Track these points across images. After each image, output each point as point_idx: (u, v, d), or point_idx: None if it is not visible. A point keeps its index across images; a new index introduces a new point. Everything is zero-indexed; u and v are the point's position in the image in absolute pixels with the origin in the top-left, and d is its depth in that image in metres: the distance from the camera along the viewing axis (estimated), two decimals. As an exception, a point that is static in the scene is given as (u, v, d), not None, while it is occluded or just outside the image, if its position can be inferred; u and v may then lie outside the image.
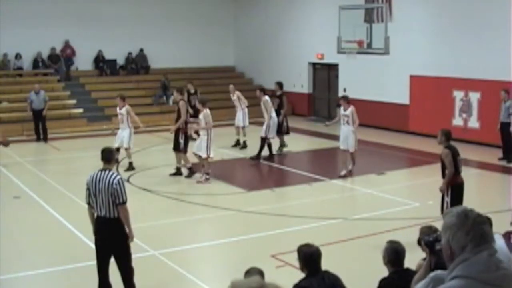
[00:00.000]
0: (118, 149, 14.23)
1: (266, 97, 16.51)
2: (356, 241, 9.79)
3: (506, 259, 3.11)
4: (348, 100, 14.05)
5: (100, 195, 7.00)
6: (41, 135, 19.69)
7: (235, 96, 18.45)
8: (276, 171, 15.69)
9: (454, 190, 9.36)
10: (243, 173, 15.54)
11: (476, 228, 2.88)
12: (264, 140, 16.21)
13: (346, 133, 14.00)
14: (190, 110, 19.55)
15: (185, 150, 14.28)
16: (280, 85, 17.52)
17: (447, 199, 9.35)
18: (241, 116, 18.20)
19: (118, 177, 7.10)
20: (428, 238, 4.43)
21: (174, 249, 9.51)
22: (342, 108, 14.13)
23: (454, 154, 9.39)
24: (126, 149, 14.97)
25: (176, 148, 14.30)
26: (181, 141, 14.22)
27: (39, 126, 19.72)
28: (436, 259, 4.39)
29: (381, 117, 20.09)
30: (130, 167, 14.93)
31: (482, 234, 2.88)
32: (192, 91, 20.26)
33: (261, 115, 17.42)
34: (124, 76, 25.53)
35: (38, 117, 19.71)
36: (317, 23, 23.64)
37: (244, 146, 17.91)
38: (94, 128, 21.66)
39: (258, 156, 16.12)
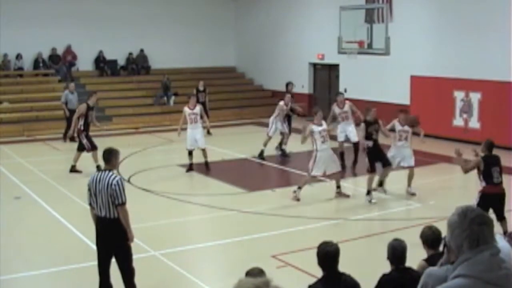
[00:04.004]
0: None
1: (349, 102, 15.40)
2: (357, 241, 9.77)
3: (508, 259, 3.10)
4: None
5: (100, 196, 6.99)
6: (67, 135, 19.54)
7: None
8: (277, 172, 15.68)
9: (482, 198, 9.48)
10: (243, 174, 15.52)
11: (472, 228, 2.88)
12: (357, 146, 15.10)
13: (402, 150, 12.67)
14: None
15: (91, 148, 14.49)
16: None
17: (475, 202, 9.51)
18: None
19: (117, 178, 7.08)
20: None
21: (174, 250, 9.49)
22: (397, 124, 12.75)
23: (488, 163, 9.51)
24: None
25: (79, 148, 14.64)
26: (84, 141, 14.54)
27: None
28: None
29: (382, 118, 19.99)
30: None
31: (479, 234, 2.88)
32: (201, 88, 20.65)
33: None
34: (124, 76, 25.54)
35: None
36: (317, 24, 23.63)
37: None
38: (95, 129, 21.58)
39: (355, 165, 15.22)
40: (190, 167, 14.74)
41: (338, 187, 12.47)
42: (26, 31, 23.16)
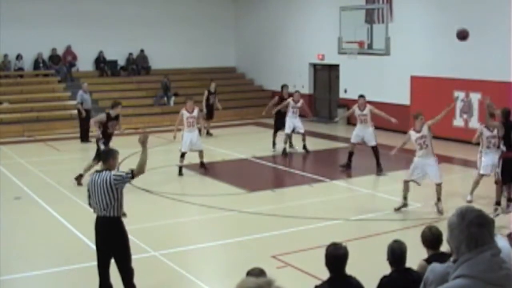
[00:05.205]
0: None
1: (370, 106, 15.02)
2: (358, 241, 9.76)
3: (509, 260, 3.11)
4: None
5: (99, 195, 6.98)
6: (87, 136, 19.20)
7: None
8: (277, 172, 15.67)
9: (505, 163, 10.29)
10: (243, 174, 15.52)
11: (471, 229, 2.89)
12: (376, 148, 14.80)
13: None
14: (204, 110, 19.74)
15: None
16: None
17: (498, 170, 10.28)
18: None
19: (113, 172, 7.07)
20: None
21: (174, 250, 9.49)
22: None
23: (507, 128, 10.31)
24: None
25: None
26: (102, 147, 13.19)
27: (89, 127, 19.46)
28: None
29: (382, 118, 20.04)
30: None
31: (476, 236, 2.88)
32: (213, 90, 20.48)
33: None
34: (125, 77, 25.54)
35: (89, 117, 19.15)
36: (317, 24, 23.64)
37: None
38: (95, 129, 21.64)
39: (379, 168, 14.67)
40: (181, 170, 14.58)
41: (439, 199, 11.26)
42: (26, 31, 23.17)
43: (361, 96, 15.16)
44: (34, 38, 23.44)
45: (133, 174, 7.06)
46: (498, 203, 10.15)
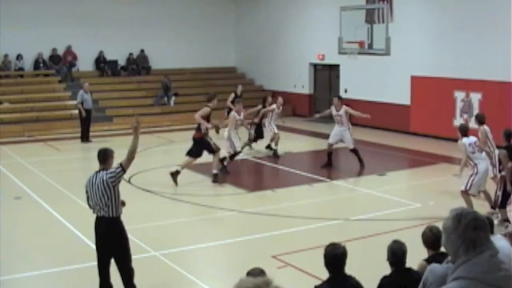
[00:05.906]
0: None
1: (346, 107, 15.26)
2: (358, 241, 9.76)
3: (508, 260, 3.11)
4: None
5: (98, 196, 6.98)
6: (87, 136, 19.32)
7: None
8: (277, 172, 15.67)
9: (506, 184, 10.09)
10: (244, 174, 15.52)
11: (467, 233, 2.88)
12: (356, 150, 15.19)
13: None
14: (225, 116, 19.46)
15: (218, 149, 13.82)
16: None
17: (499, 193, 10.14)
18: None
19: (109, 170, 7.08)
20: None
21: (175, 250, 9.49)
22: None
23: (510, 153, 10.17)
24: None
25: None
26: (211, 142, 13.75)
27: (89, 127, 19.54)
28: None
29: (382, 118, 20.06)
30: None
31: (473, 239, 2.88)
32: (239, 93, 20.29)
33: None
34: (125, 77, 25.54)
35: (90, 117, 19.51)
36: (318, 24, 23.64)
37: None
38: (95, 129, 21.63)
39: (362, 165, 15.07)
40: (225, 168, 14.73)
41: (492, 207, 10.78)
42: (26, 31, 23.17)
43: (337, 96, 15.78)
44: (34, 38, 23.43)
45: (122, 167, 7.04)
46: (506, 220, 10.13)
